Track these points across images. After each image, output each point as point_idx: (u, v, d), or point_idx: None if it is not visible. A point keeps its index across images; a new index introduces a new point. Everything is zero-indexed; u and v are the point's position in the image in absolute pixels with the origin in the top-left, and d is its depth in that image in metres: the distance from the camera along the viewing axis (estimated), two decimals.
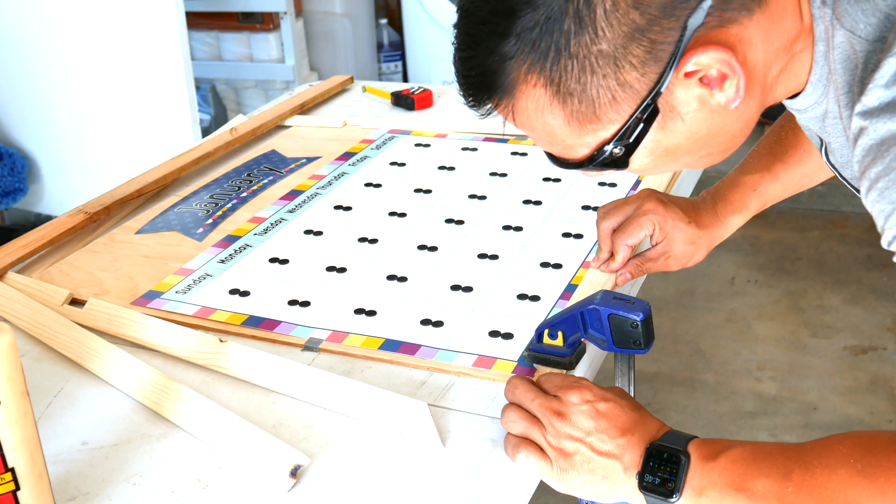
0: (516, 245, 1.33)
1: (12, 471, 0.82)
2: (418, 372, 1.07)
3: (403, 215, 1.44)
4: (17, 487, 0.83)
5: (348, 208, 1.47)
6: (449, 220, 1.41)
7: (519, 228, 1.37)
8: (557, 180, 1.52)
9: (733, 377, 2.71)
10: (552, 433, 0.90)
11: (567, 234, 1.35)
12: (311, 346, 1.12)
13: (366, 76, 3.98)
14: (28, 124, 3.05)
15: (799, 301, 3.03)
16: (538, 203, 1.45)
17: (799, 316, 2.96)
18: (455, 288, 1.23)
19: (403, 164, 1.62)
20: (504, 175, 1.55)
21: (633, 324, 0.98)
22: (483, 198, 1.48)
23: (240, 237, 1.39)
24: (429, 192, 1.51)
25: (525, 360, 1.07)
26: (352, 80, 2.07)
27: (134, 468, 0.95)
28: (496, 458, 0.94)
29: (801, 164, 1.24)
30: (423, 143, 1.71)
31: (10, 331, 0.80)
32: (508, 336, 1.12)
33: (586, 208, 1.42)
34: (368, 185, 1.55)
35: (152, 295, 1.24)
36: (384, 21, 4.08)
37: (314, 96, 1.93)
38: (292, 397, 1.04)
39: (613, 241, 1.22)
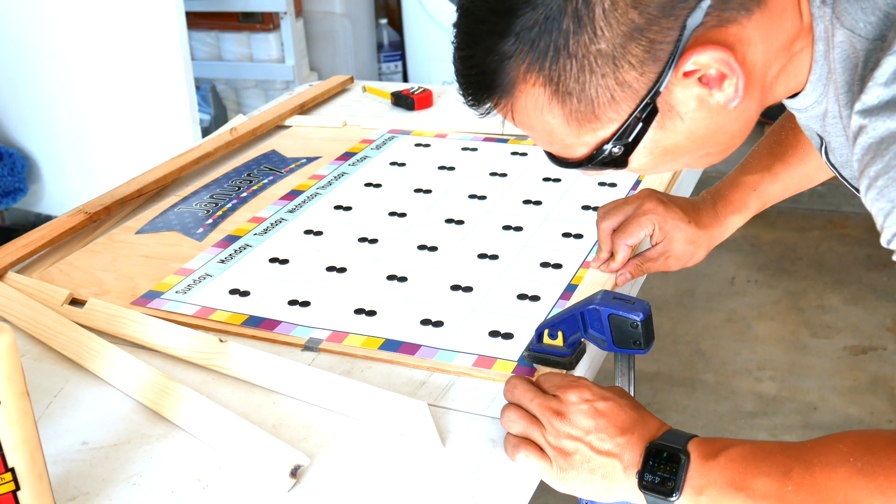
0: (516, 245, 1.33)
1: (12, 471, 0.82)
2: (418, 372, 1.07)
3: (403, 215, 1.44)
4: (17, 487, 0.83)
5: (348, 208, 1.47)
6: (449, 220, 1.41)
7: (519, 228, 1.37)
8: (557, 180, 1.52)
9: (733, 377, 2.71)
10: (552, 433, 0.90)
11: (567, 234, 1.35)
12: (311, 346, 1.12)
13: (366, 76, 3.98)
14: (28, 124, 3.05)
15: (799, 301, 3.03)
16: (538, 203, 1.45)
17: (799, 316, 2.96)
18: (455, 288, 1.23)
19: (403, 164, 1.62)
20: (504, 175, 1.55)
21: (633, 324, 0.98)
22: (483, 198, 1.48)
23: (240, 237, 1.39)
24: (429, 192, 1.51)
25: (525, 360, 1.07)
26: (352, 80, 2.07)
27: (134, 468, 0.95)
28: (496, 458, 0.94)
29: (801, 165, 1.24)
30: (423, 143, 1.71)
31: (10, 331, 0.80)
32: (508, 336, 1.12)
33: (586, 208, 1.42)
34: (368, 185, 1.55)
35: (152, 295, 1.24)
36: (384, 21, 4.08)
37: (314, 96, 1.93)
38: (292, 397, 1.04)
39: (613, 240, 1.22)
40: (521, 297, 1.20)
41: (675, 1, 0.75)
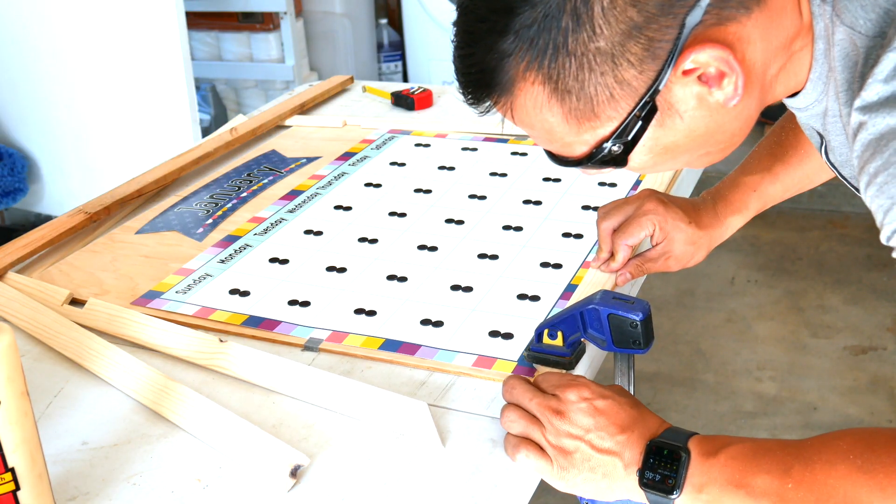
0: (516, 245, 1.33)
1: (12, 471, 0.82)
2: (418, 372, 1.07)
3: (403, 215, 1.44)
4: (17, 487, 0.83)
5: (348, 208, 1.47)
6: (449, 220, 1.41)
7: (519, 228, 1.37)
8: (557, 180, 1.52)
9: (733, 377, 2.71)
10: (552, 432, 0.90)
11: (567, 234, 1.35)
12: (311, 346, 1.12)
13: (366, 76, 3.98)
14: (28, 124, 3.05)
15: (799, 301, 3.03)
16: (538, 203, 1.45)
17: (799, 316, 2.96)
18: (455, 288, 1.23)
19: (403, 164, 1.62)
20: (504, 175, 1.55)
21: (633, 323, 0.98)
22: (483, 198, 1.48)
23: (240, 237, 1.39)
24: (429, 192, 1.51)
25: (525, 360, 1.07)
26: (352, 80, 2.07)
27: (134, 468, 0.95)
28: (496, 458, 0.94)
29: (801, 165, 1.24)
30: (423, 143, 1.71)
31: (10, 331, 0.80)
32: (508, 336, 1.12)
33: (586, 208, 1.42)
34: (368, 185, 1.55)
35: (152, 295, 1.24)
36: (384, 21, 4.08)
37: (314, 96, 1.93)
38: (292, 397, 1.04)
39: (614, 241, 1.22)
40: (521, 297, 1.20)
41: None
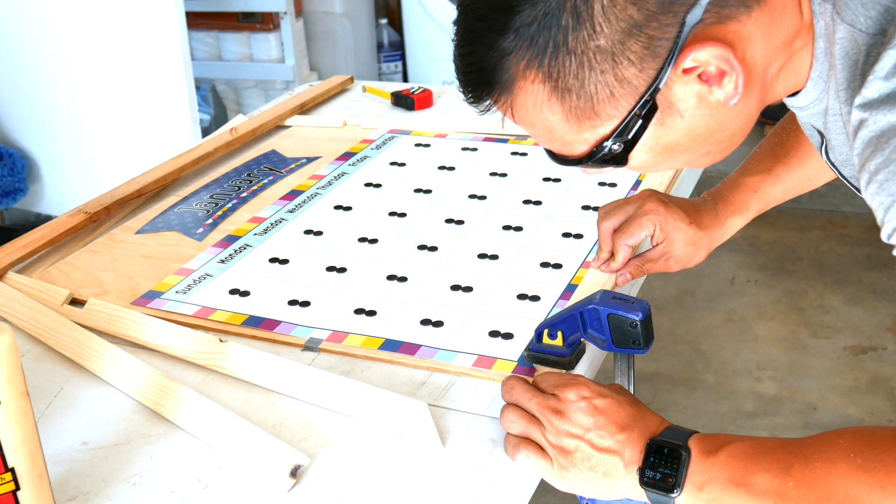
0: (516, 245, 1.33)
1: (12, 471, 0.82)
2: (418, 372, 1.07)
3: (403, 215, 1.44)
4: (17, 487, 0.83)
5: (348, 208, 1.47)
6: (449, 220, 1.41)
7: (519, 228, 1.37)
8: (557, 180, 1.52)
9: (733, 377, 2.71)
10: (551, 431, 0.90)
11: (567, 234, 1.35)
12: (311, 346, 1.12)
13: (366, 76, 3.98)
14: (28, 124, 3.05)
15: (799, 301, 3.03)
16: (538, 203, 1.45)
17: (799, 316, 2.96)
18: (455, 288, 1.23)
19: (403, 164, 1.62)
20: (504, 175, 1.55)
21: (633, 323, 0.98)
22: (483, 198, 1.48)
23: (240, 237, 1.39)
24: (429, 192, 1.51)
25: (525, 360, 1.07)
26: (352, 80, 2.07)
27: (134, 468, 0.95)
28: (496, 458, 0.94)
29: (802, 166, 1.23)
30: (423, 143, 1.71)
31: (10, 331, 0.80)
32: (508, 336, 1.12)
33: (586, 208, 1.42)
34: (368, 185, 1.55)
35: (152, 295, 1.24)
36: (384, 21, 4.08)
37: (314, 96, 1.93)
38: (292, 397, 1.04)
39: (614, 241, 1.22)
40: (521, 297, 1.20)
41: None
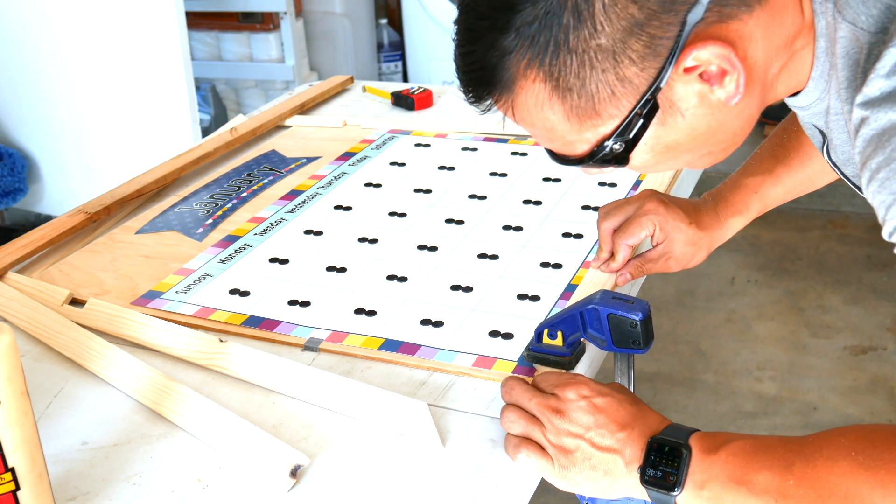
0: (516, 245, 1.33)
1: (12, 471, 0.82)
2: (418, 372, 1.07)
3: (403, 215, 1.44)
4: (17, 487, 0.83)
5: (348, 208, 1.47)
6: (449, 220, 1.41)
7: (519, 228, 1.37)
8: (557, 180, 1.52)
9: (733, 377, 2.71)
10: (552, 431, 0.90)
11: (567, 234, 1.34)
12: (311, 346, 1.12)
13: (366, 76, 3.98)
14: (28, 124, 3.05)
15: (799, 301, 3.03)
16: (538, 203, 1.45)
17: (799, 316, 2.96)
18: (455, 288, 1.23)
19: (403, 164, 1.62)
20: (504, 175, 1.55)
21: (632, 323, 0.98)
22: (483, 198, 1.48)
23: (240, 237, 1.39)
24: (429, 192, 1.51)
25: (525, 360, 1.07)
26: (352, 80, 2.07)
27: (134, 468, 0.95)
28: (496, 458, 0.94)
29: (803, 168, 1.23)
30: (423, 143, 1.71)
31: (10, 331, 0.80)
32: (508, 336, 1.12)
33: (586, 208, 1.42)
34: (368, 185, 1.55)
35: (152, 295, 1.24)
36: (384, 21, 4.08)
37: (314, 96, 1.93)
38: (292, 397, 1.04)
39: (614, 241, 1.22)
40: (521, 297, 1.20)
41: None
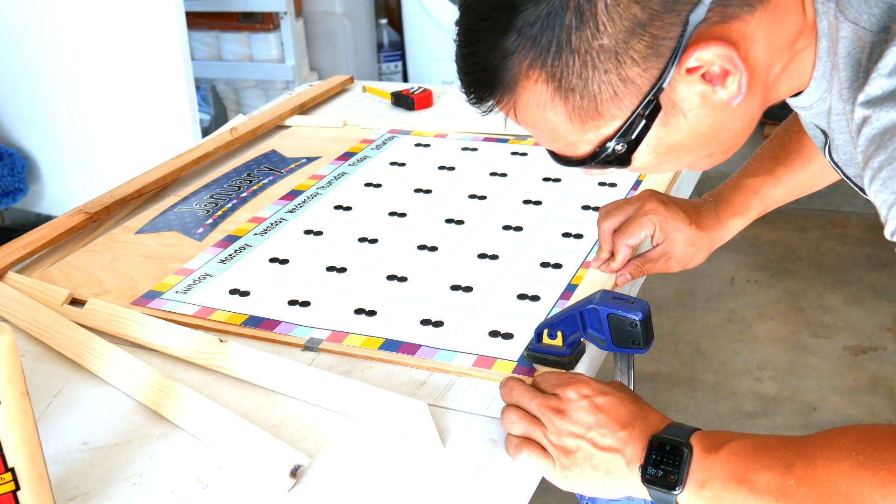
0: (516, 245, 1.33)
1: (12, 471, 0.82)
2: (418, 372, 1.07)
3: (403, 215, 1.44)
4: (17, 487, 0.83)
5: (348, 208, 1.47)
6: (449, 220, 1.41)
7: (519, 228, 1.37)
8: (557, 180, 1.52)
9: (733, 377, 2.71)
10: (553, 431, 0.90)
11: (567, 234, 1.34)
12: (311, 346, 1.12)
13: (366, 76, 3.98)
14: (28, 124, 3.05)
15: (799, 301, 3.03)
16: (538, 203, 1.45)
17: (799, 316, 2.96)
18: (455, 288, 1.23)
19: (403, 164, 1.62)
20: (504, 175, 1.55)
21: (632, 323, 0.97)
22: (483, 198, 1.48)
23: (240, 237, 1.39)
24: (429, 192, 1.51)
25: (525, 360, 1.07)
26: (352, 80, 2.07)
27: (134, 468, 0.95)
28: (496, 458, 0.94)
29: (804, 168, 1.23)
30: (423, 143, 1.71)
31: (10, 331, 0.80)
32: (508, 336, 1.11)
33: (586, 208, 1.42)
34: (368, 185, 1.55)
35: (152, 295, 1.24)
36: (384, 21, 4.08)
37: (314, 96, 1.93)
38: (292, 397, 1.04)
39: (614, 241, 1.22)
40: (521, 297, 1.20)
41: None
